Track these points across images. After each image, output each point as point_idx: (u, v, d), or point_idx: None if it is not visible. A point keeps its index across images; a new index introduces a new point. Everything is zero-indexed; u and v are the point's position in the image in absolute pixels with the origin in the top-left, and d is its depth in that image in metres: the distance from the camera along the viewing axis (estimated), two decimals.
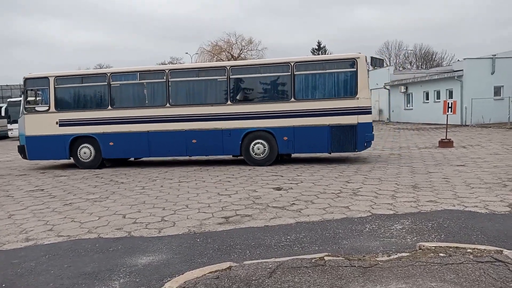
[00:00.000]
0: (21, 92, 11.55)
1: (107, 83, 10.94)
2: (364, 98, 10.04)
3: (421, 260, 3.54)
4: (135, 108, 10.94)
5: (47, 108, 11.17)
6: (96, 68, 55.76)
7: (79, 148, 11.17)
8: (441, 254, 3.64)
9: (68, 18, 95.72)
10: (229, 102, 10.51)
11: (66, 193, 7.83)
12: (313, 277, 3.29)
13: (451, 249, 3.76)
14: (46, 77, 11.19)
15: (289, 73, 10.26)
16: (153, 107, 10.88)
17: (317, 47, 63.51)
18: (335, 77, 10.20)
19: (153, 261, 3.99)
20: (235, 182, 8.20)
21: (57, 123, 11.07)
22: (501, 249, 3.74)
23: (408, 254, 3.73)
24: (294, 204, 6.13)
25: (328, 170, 9.32)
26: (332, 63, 10.32)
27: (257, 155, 10.49)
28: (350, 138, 10.05)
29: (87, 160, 11.18)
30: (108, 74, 11.02)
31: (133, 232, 5.01)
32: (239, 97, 10.68)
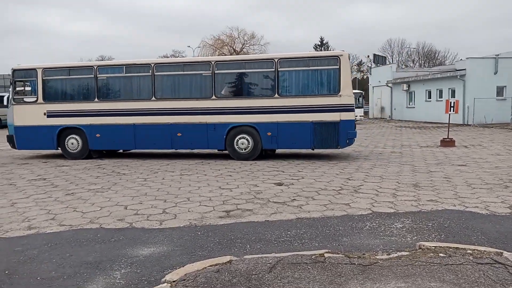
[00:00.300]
0: (10, 83, 11.68)
1: (94, 75, 11.07)
2: (346, 95, 10.09)
3: (421, 259, 3.56)
4: (121, 100, 11.10)
5: (35, 99, 11.33)
6: (98, 59, 55.58)
7: (66, 139, 11.33)
8: (441, 254, 3.66)
9: (69, 9, 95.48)
10: (214, 97, 10.58)
11: (68, 183, 7.86)
12: (313, 274, 3.31)
13: (451, 250, 3.78)
14: (34, 69, 11.34)
15: (273, 69, 10.34)
16: (139, 100, 11.01)
17: (319, 43, 63.29)
18: (318, 74, 10.28)
19: (154, 253, 4.02)
20: (237, 176, 8.22)
21: (45, 114, 11.22)
22: (501, 251, 3.76)
23: (408, 253, 3.75)
24: (295, 199, 6.15)
25: (329, 167, 9.34)
26: (315, 60, 10.38)
27: (241, 149, 10.59)
28: (332, 134, 10.13)
29: (74, 151, 11.34)
30: (95, 67, 11.16)
31: (134, 223, 5.04)
32: (224, 92, 10.79)
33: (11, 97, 11.54)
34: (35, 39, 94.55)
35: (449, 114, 13.63)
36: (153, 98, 10.82)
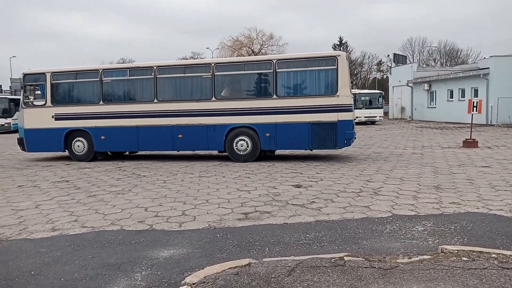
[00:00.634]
0: (20, 87, 12.05)
1: (99, 79, 11.31)
2: (344, 96, 10.02)
3: (443, 263, 3.49)
4: (125, 103, 11.32)
5: (44, 102, 11.66)
6: (120, 62, 56.60)
7: (73, 141, 11.61)
8: (464, 258, 3.58)
9: (92, 12, 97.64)
10: (213, 98, 10.68)
11: (90, 184, 8.03)
12: (333, 277, 3.29)
13: (474, 253, 3.69)
14: (43, 73, 11.67)
15: (271, 71, 10.38)
16: (141, 102, 11.22)
17: (338, 43, 62.81)
18: (316, 74, 10.28)
19: (174, 255, 4.07)
20: (255, 178, 8.24)
21: (53, 117, 11.53)
22: None
23: (429, 257, 3.68)
24: (313, 202, 6.12)
25: (348, 169, 9.25)
26: (313, 60, 10.34)
27: (240, 151, 10.65)
28: (330, 135, 10.07)
29: (80, 153, 11.61)
30: (100, 71, 11.41)
31: (154, 225, 5.11)
32: (223, 94, 10.87)
33: (21, 100, 11.95)
34: (60, 42, 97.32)
35: (472, 114, 13.31)
36: (155, 101, 11.02)
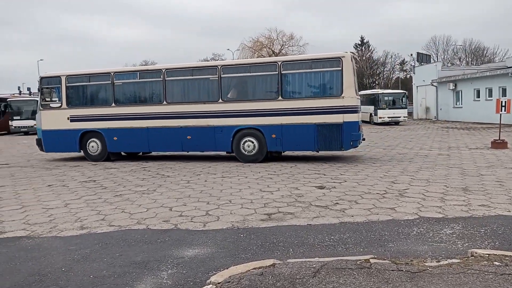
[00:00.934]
0: (38, 90, 12.49)
1: (111, 81, 11.62)
2: (349, 97, 9.93)
3: (474, 268, 3.39)
4: (135, 105, 11.61)
5: (59, 104, 12.09)
6: (142, 64, 57.60)
7: (87, 142, 11.98)
8: (496, 263, 3.47)
9: (113, 16, 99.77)
10: (220, 100, 10.81)
11: (116, 184, 8.20)
12: (359, 280, 3.25)
13: (507, 258, 3.57)
14: (59, 76, 12.12)
15: (277, 72, 10.42)
16: (151, 104, 11.49)
17: (360, 42, 62.05)
18: (321, 76, 10.30)
19: (198, 254, 4.11)
20: (277, 179, 8.23)
21: (68, 118, 11.95)
22: None
23: (459, 261, 3.59)
24: (337, 203, 6.06)
25: (372, 170, 9.12)
26: (318, 62, 10.32)
27: (247, 152, 10.72)
28: (336, 136, 10.03)
29: (94, 154, 12.02)
30: (112, 73, 11.70)
31: (179, 225, 5.17)
32: (230, 95, 10.99)
33: (39, 103, 12.43)
34: (82, 45, 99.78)
35: (500, 114, 12.91)
36: (164, 102, 11.25)
